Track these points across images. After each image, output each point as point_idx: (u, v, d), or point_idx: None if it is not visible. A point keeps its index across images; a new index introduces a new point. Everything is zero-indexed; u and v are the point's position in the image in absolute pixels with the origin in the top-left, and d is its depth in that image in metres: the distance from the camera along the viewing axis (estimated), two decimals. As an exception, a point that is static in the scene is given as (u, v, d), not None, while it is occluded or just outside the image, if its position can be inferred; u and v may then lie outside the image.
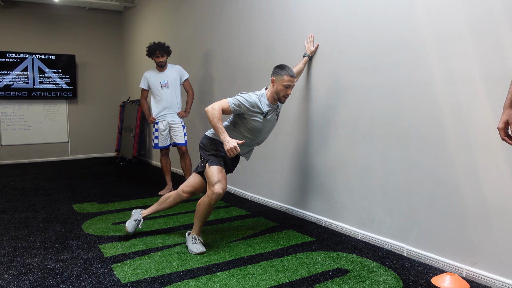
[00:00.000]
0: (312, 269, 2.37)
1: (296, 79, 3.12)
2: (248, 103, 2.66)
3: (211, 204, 2.64)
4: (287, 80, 2.68)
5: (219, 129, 2.58)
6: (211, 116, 2.58)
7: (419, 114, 2.48)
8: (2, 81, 6.98)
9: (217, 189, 2.58)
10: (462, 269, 2.28)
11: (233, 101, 2.65)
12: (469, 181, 2.24)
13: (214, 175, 2.63)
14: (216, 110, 2.58)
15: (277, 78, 2.70)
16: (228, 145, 2.53)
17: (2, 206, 3.94)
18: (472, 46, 2.18)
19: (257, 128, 2.78)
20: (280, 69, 2.70)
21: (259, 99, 2.72)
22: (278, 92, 2.72)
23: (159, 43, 4.35)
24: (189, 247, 2.69)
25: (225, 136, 2.56)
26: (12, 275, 2.30)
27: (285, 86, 2.69)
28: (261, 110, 2.71)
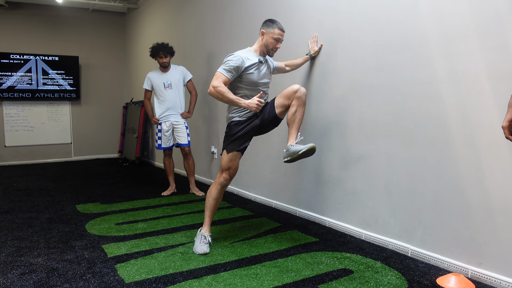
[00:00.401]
0: (316, 269, 2.36)
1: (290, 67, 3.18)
2: (240, 61, 2.62)
3: (219, 189, 2.75)
4: (277, 34, 2.69)
5: (234, 100, 2.56)
6: (218, 93, 2.55)
7: (423, 113, 2.47)
8: (6, 83, 7.01)
9: (225, 175, 2.74)
10: (468, 269, 2.26)
11: (225, 69, 2.60)
12: (474, 181, 2.22)
13: (226, 162, 2.73)
14: (220, 85, 2.56)
15: (267, 30, 2.69)
16: (252, 105, 2.52)
17: (5, 207, 3.94)
18: (476, 44, 2.17)
19: (255, 81, 2.71)
20: (271, 22, 2.71)
21: (246, 53, 2.70)
22: (267, 45, 2.71)
23: (162, 44, 4.36)
24: (195, 245, 2.70)
25: (243, 101, 2.55)
26: (16, 275, 2.30)
27: (275, 39, 2.69)
28: (253, 60, 2.68)
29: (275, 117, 2.70)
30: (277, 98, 2.69)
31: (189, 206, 3.92)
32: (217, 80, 2.57)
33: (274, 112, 2.68)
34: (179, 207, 3.89)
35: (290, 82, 3.55)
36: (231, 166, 2.73)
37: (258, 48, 2.76)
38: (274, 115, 2.69)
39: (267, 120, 2.72)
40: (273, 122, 2.76)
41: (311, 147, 2.46)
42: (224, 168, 2.74)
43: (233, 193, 4.51)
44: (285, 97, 2.62)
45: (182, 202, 4.12)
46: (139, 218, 3.48)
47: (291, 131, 2.61)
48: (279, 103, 2.66)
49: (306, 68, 3.36)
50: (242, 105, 2.55)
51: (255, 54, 2.74)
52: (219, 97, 2.57)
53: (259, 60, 2.72)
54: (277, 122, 2.77)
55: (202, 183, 5.12)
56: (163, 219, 3.46)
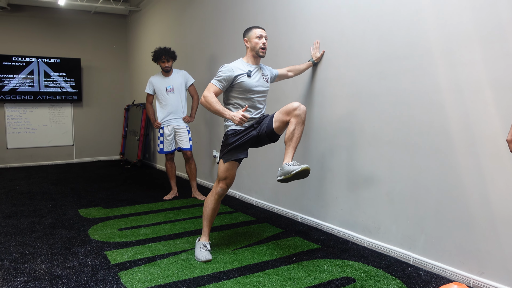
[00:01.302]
0: (319, 278, 2.37)
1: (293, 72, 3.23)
2: (229, 71, 2.66)
3: (216, 199, 2.74)
4: (258, 32, 2.74)
5: (220, 111, 2.58)
6: (207, 103, 2.59)
7: (426, 121, 2.47)
8: (8, 85, 7.03)
9: (221, 185, 2.73)
10: (470, 278, 2.27)
11: (217, 79, 2.66)
12: (476, 189, 2.23)
13: (222, 172, 2.73)
14: (209, 95, 2.60)
15: (248, 35, 2.77)
16: (235, 118, 2.52)
17: (8, 211, 3.96)
18: (480, 53, 2.18)
19: (246, 89, 2.69)
20: (248, 28, 2.81)
21: (236, 64, 2.74)
22: (254, 47, 2.75)
23: (164, 48, 4.37)
24: (196, 253, 2.70)
25: (228, 112, 2.57)
26: (20, 282, 2.31)
27: (258, 37, 2.74)
28: (242, 70, 2.71)
29: (272, 132, 2.67)
30: (277, 112, 2.68)
31: (191, 211, 3.93)
32: (208, 90, 2.62)
33: (271, 126, 2.65)
34: (181, 212, 3.90)
35: (292, 89, 3.56)
36: (227, 176, 2.72)
37: (248, 57, 2.80)
38: (271, 129, 2.66)
39: (264, 134, 2.70)
40: (270, 137, 2.71)
41: (305, 168, 2.40)
42: (221, 178, 2.73)
43: (234, 197, 4.52)
44: (284, 113, 2.59)
45: (184, 206, 4.13)
46: (141, 224, 3.50)
47: (287, 150, 2.57)
48: (277, 117, 2.64)
49: (308, 75, 3.36)
50: (227, 116, 2.56)
51: (246, 64, 2.77)
52: (207, 106, 2.60)
53: (249, 70, 2.73)
54: (274, 138, 2.73)
55: (204, 186, 5.13)
56: (165, 225, 3.47)
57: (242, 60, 2.80)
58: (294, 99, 3.53)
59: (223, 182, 2.72)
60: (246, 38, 2.78)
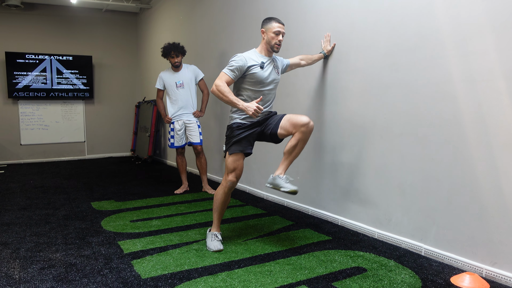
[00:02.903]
0: (330, 267, 2.38)
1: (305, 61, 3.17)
2: (242, 61, 2.63)
3: (226, 192, 2.71)
4: (276, 27, 2.69)
5: (233, 101, 2.55)
6: (219, 92, 2.56)
7: (438, 112, 2.46)
8: (22, 82, 7.14)
9: (230, 177, 2.69)
10: (482, 268, 2.26)
11: (229, 68, 2.62)
12: (489, 180, 2.22)
13: (230, 164, 2.70)
14: (222, 84, 2.56)
15: (266, 27, 2.71)
16: (249, 109, 2.49)
17: (23, 203, 4.03)
18: (492, 43, 2.17)
19: (258, 81, 2.69)
20: (268, 19, 2.74)
21: (250, 54, 2.71)
22: (269, 41, 2.71)
23: (173, 44, 4.40)
24: (207, 244, 2.72)
25: (242, 103, 2.53)
26: (36, 269, 2.36)
27: (275, 33, 2.69)
28: (256, 61, 2.69)
29: (276, 136, 2.72)
30: (285, 118, 2.67)
31: (202, 204, 3.96)
32: (220, 80, 2.59)
33: (276, 131, 2.69)
34: (192, 205, 3.93)
35: (302, 83, 3.56)
36: (236, 167, 2.68)
37: (262, 48, 2.76)
38: (276, 133, 2.70)
39: (267, 133, 2.74)
40: (272, 138, 2.76)
41: (293, 191, 2.54)
42: (229, 170, 2.69)
43: (245, 192, 4.54)
44: (291, 124, 2.62)
45: (195, 200, 4.16)
46: (153, 216, 3.54)
47: (284, 162, 2.67)
48: (284, 125, 2.66)
49: (319, 67, 3.37)
50: (240, 106, 2.53)
51: (259, 55, 2.74)
52: (219, 95, 2.57)
53: (262, 62, 2.71)
54: (276, 140, 2.77)
55: (214, 181, 5.16)
56: (176, 217, 3.50)
57: (255, 50, 2.78)
58: (305, 93, 3.54)
59: (232, 174, 2.69)
60: (263, 29, 2.73)
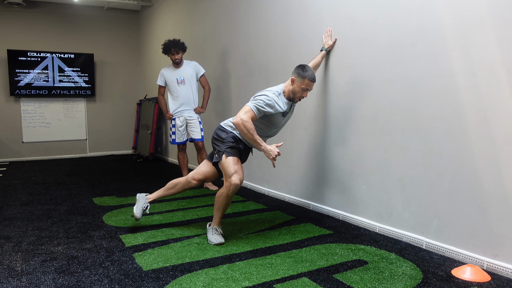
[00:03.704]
0: (331, 260, 2.38)
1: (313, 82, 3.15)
2: (271, 107, 2.69)
3: (229, 195, 2.67)
4: (306, 84, 2.69)
5: (257, 141, 2.61)
6: (245, 129, 2.59)
7: (439, 105, 2.46)
8: (24, 80, 7.16)
9: (234, 180, 2.60)
10: (483, 261, 2.26)
11: (256, 107, 2.65)
12: (490, 173, 2.22)
13: (230, 166, 2.64)
14: (248, 122, 2.59)
15: (297, 79, 2.70)
16: (271, 153, 2.57)
17: (25, 199, 4.04)
18: (493, 35, 2.16)
19: (274, 123, 2.83)
20: (303, 70, 2.68)
21: (278, 99, 2.73)
22: (295, 92, 2.73)
23: (173, 40, 4.40)
24: (208, 237, 2.73)
25: (264, 145, 2.61)
26: (38, 262, 2.37)
27: (303, 89, 2.71)
28: (281, 109, 2.74)
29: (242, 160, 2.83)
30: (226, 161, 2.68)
31: (203, 200, 3.97)
32: (246, 115, 2.61)
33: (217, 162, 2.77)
34: (194, 201, 3.94)
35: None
36: (237, 169, 2.63)
37: (287, 92, 2.77)
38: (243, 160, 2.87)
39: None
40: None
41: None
42: (231, 173, 2.61)
43: (246, 188, 4.54)
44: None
45: (196, 196, 4.17)
46: (154, 211, 3.54)
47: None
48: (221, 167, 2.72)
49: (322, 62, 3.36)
50: (262, 148, 2.61)
51: (285, 101, 2.76)
52: (245, 132, 2.60)
53: (285, 111, 2.78)
54: None
55: (216, 178, 5.16)
56: (178, 212, 3.51)
57: (281, 94, 2.77)
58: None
59: (235, 177, 2.60)
60: (294, 77, 2.71)
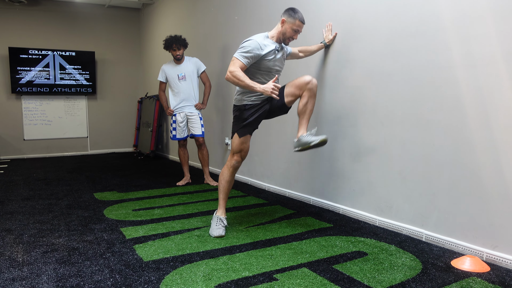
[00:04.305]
0: (331, 251, 2.39)
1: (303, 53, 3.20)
2: (258, 49, 2.62)
3: (231, 171, 2.80)
4: (297, 25, 2.69)
5: (250, 85, 2.55)
6: (235, 78, 2.55)
7: (439, 98, 2.47)
8: (25, 77, 7.17)
9: (236, 157, 2.79)
10: (483, 252, 2.26)
11: (242, 55, 2.60)
12: (490, 164, 2.22)
13: (237, 145, 2.79)
14: (236, 70, 2.55)
15: (288, 19, 2.69)
16: (267, 89, 2.50)
17: (26, 194, 4.06)
18: (493, 27, 2.17)
19: (268, 68, 2.73)
20: (293, 12, 2.69)
21: (264, 40, 2.69)
22: (285, 33, 2.71)
23: (175, 36, 4.41)
24: (211, 227, 2.76)
25: (259, 86, 2.54)
26: (39, 253, 2.38)
27: (294, 30, 2.70)
28: (271, 48, 2.68)
29: (284, 105, 2.77)
30: (287, 86, 2.73)
31: (203, 195, 3.98)
32: (234, 66, 2.59)
33: (283, 100, 2.75)
34: (194, 196, 3.95)
35: (304, 71, 3.57)
36: (242, 148, 2.79)
37: (275, 35, 2.75)
38: (283, 103, 2.76)
39: (276, 107, 2.80)
40: (281, 109, 2.82)
41: (323, 139, 2.58)
42: (235, 151, 2.79)
43: (246, 183, 4.55)
44: (296, 87, 2.68)
45: (197, 191, 4.18)
46: (155, 205, 3.55)
47: (302, 122, 2.69)
48: (289, 92, 2.71)
49: (321, 56, 3.38)
50: (258, 89, 2.54)
51: (271, 41, 2.74)
52: (236, 81, 2.57)
53: (276, 47, 2.72)
54: (286, 110, 2.83)
55: (216, 174, 5.17)
56: (178, 206, 3.52)
57: (267, 36, 2.74)
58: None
59: (237, 155, 2.79)
60: (284, 18, 2.68)
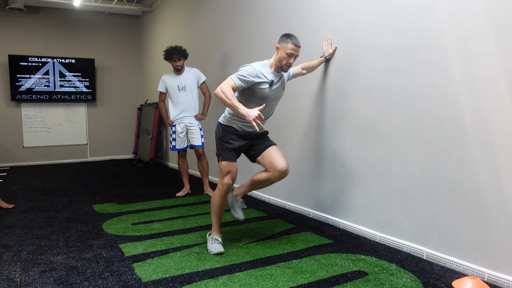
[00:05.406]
0: (331, 271, 2.37)
1: (306, 70, 3.20)
2: (254, 76, 2.59)
3: (223, 195, 2.73)
4: (290, 49, 2.62)
5: (235, 105, 2.48)
6: (223, 95, 2.49)
7: (439, 115, 2.46)
8: (25, 85, 7.17)
9: (226, 180, 2.70)
10: (484, 273, 2.24)
11: (238, 77, 2.57)
12: (491, 183, 2.21)
13: (224, 168, 2.73)
14: (227, 88, 2.51)
15: (281, 45, 2.65)
16: (250, 115, 2.43)
17: (25, 206, 4.04)
18: (494, 45, 2.16)
19: (263, 97, 2.69)
20: (286, 37, 2.66)
21: (262, 68, 2.67)
22: (281, 59, 2.66)
23: (175, 47, 4.40)
24: (208, 247, 2.72)
25: (243, 109, 2.47)
26: (37, 272, 2.36)
27: (288, 54, 2.63)
28: (266, 78, 2.66)
29: (254, 159, 2.87)
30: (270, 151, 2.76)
31: (203, 207, 3.96)
32: (226, 83, 2.54)
33: (257, 156, 2.83)
34: (194, 208, 3.93)
35: (303, 86, 3.57)
36: (230, 170, 2.70)
37: (273, 63, 2.71)
38: (256, 158, 2.85)
39: (250, 153, 2.88)
40: (251, 158, 2.91)
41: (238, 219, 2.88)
42: (224, 173, 2.71)
43: (246, 194, 4.53)
44: (271, 164, 2.76)
45: (197, 202, 4.16)
46: (154, 218, 3.54)
47: (247, 188, 2.87)
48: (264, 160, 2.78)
49: (321, 70, 3.37)
50: (241, 111, 2.44)
51: (270, 71, 2.70)
52: (223, 98, 2.49)
53: (272, 80, 2.68)
54: (253, 161, 2.92)
55: (216, 184, 5.15)
56: (178, 220, 3.50)
57: (266, 64, 2.71)
58: (306, 96, 3.54)
59: (227, 177, 2.70)
60: (278, 45, 2.66)
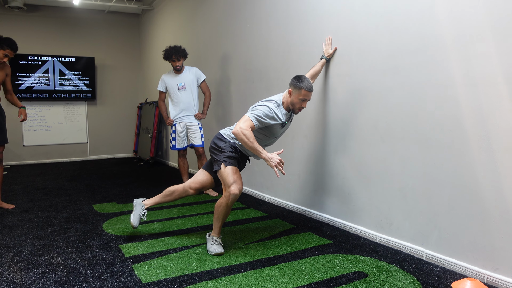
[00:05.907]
0: (331, 272, 2.37)
1: (314, 78, 3.19)
2: (269, 117, 2.68)
3: (229, 205, 2.67)
4: (303, 95, 2.68)
5: (257, 149, 2.56)
6: (244, 137, 2.55)
7: (439, 116, 2.45)
8: (24, 83, 7.17)
9: (233, 190, 2.61)
10: (483, 274, 2.25)
11: (255, 117, 2.64)
12: (490, 184, 2.21)
13: (230, 176, 2.65)
14: (247, 130, 2.56)
15: (294, 90, 2.70)
16: (273, 161, 2.51)
17: (25, 206, 4.04)
18: (494, 46, 2.15)
19: (273, 133, 2.84)
20: (298, 81, 2.68)
21: (278, 110, 2.73)
22: (293, 103, 2.73)
23: (175, 47, 4.39)
24: (208, 247, 2.72)
25: (265, 153, 2.55)
26: (37, 273, 2.36)
27: (301, 99, 2.71)
28: (280, 120, 2.74)
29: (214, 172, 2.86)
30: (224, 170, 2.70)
31: (203, 207, 3.96)
32: (245, 124, 2.58)
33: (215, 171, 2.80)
34: (194, 208, 3.94)
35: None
36: (236, 179, 2.64)
37: (286, 103, 2.77)
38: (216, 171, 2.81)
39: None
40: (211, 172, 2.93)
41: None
42: (230, 183, 2.62)
43: (246, 194, 4.54)
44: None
45: (197, 202, 4.16)
46: (154, 218, 3.54)
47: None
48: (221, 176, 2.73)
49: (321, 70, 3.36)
50: (263, 156, 2.54)
51: (284, 112, 2.76)
52: (244, 140, 2.56)
53: (284, 122, 2.78)
54: None
55: (216, 183, 5.16)
56: (178, 220, 3.50)
57: (281, 105, 2.76)
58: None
59: (234, 186, 2.60)
60: (291, 89, 2.70)
